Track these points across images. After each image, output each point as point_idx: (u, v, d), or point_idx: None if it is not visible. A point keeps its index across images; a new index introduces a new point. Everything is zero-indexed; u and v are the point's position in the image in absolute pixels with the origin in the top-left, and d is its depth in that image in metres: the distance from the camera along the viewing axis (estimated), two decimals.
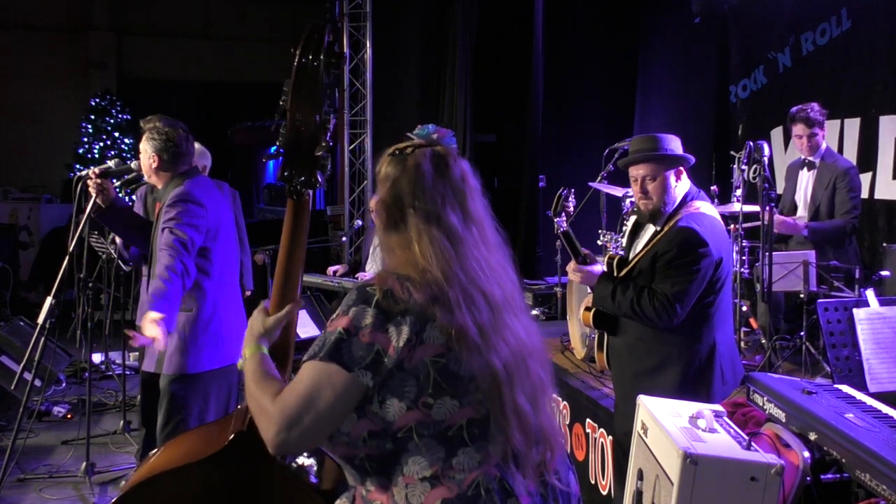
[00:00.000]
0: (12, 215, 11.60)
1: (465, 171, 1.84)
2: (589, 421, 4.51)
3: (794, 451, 2.48)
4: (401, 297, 1.65)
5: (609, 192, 5.92)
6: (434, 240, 1.72)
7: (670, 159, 3.26)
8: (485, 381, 1.68)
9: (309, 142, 1.87)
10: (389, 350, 1.63)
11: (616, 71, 9.12)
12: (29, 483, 4.75)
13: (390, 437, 1.66)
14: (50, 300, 3.93)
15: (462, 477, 1.66)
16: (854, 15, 6.06)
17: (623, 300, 3.19)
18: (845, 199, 5.00)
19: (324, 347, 1.65)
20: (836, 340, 3.36)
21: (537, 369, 1.80)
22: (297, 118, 1.86)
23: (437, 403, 1.66)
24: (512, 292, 1.81)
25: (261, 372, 1.78)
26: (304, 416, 1.62)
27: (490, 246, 1.81)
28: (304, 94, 1.86)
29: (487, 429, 1.69)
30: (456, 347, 1.66)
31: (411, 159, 1.79)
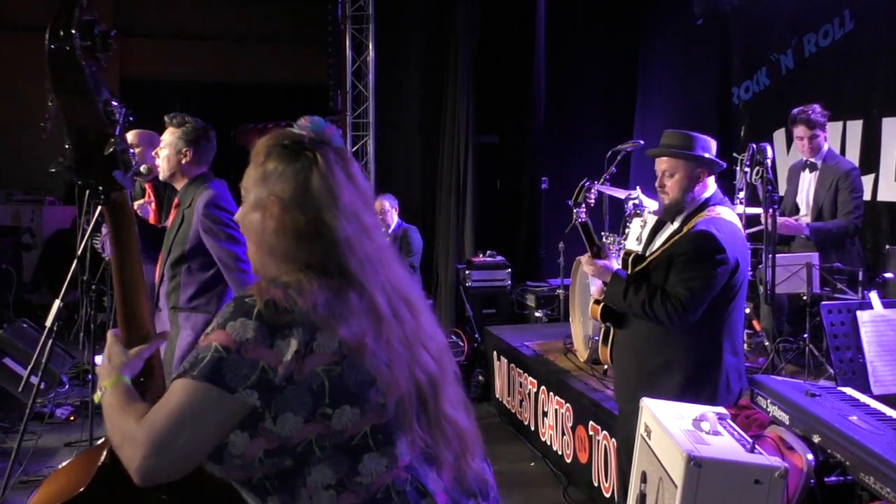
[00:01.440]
0: (15, 217, 11.61)
1: (363, 174, 1.73)
2: (592, 423, 4.51)
3: (797, 453, 2.48)
4: (285, 307, 1.50)
5: (612, 194, 5.92)
6: (362, 246, 1.60)
7: (693, 159, 3.25)
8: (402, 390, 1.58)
9: (94, 140, 1.64)
10: (277, 367, 1.47)
11: (617, 72, 9.12)
12: (32, 485, 4.74)
13: (288, 454, 1.52)
14: (58, 303, 3.93)
15: (369, 481, 1.55)
16: (857, 16, 6.06)
17: (635, 300, 3.18)
18: (847, 200, 4.99)
19: (197, 365, 1.47)
20: (840, 343, 3.36)
21: (452, 367, 1.72)
22: (70, 115, 1.62)
23: (335, 413, 1.52)
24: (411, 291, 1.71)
25: (124, 399, 1.61)
26: (177, 439, 1.45)
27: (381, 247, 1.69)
28: (66, 86, 1.59)
29: (392, 433, 1.58)
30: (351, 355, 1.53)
31: (319, 157, 1.63)
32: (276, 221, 1.61)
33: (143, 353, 1.75)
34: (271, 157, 1.65)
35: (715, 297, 3.16)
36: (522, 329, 6.99)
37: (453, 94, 9.05)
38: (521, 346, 5.97)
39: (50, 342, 3.94)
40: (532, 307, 7.74)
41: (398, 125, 9.45)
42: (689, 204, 3.27)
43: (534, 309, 7.68)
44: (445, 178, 9.06)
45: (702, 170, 3.25)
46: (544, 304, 7.61)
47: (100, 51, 1.62)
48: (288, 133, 1.68)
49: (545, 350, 5.81)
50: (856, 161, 5.76)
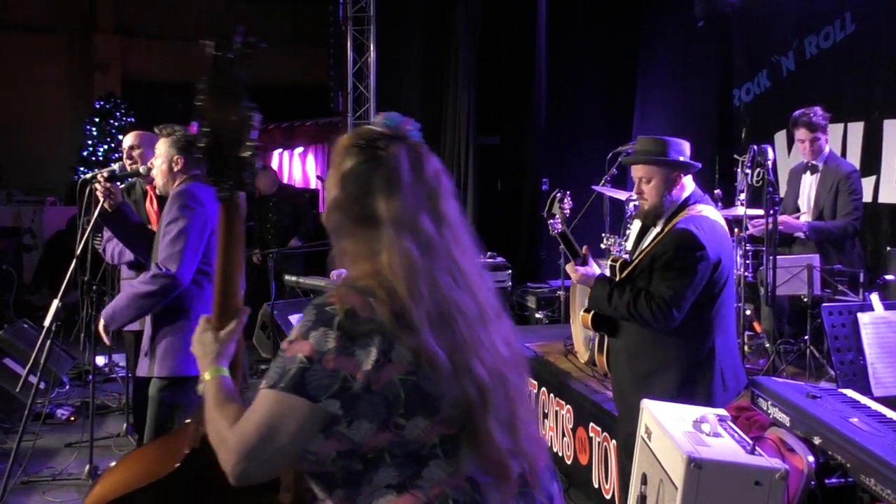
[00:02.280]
0: (16, 218, 11.61)
1: (438, 169, 1.69)
2: (592, 425, 4.51)
3: (798, 455, 2.48)
4: (364, 317, 1.52)
5: (612, 195, 5.92)
6: (404, 251, 1.57)
7: (668, 164, 3.26)
8: (458, 404, 1.58)
9: (231, 142, 1.73)
10: (357, 376, 1.51)
11: (618, 73, 9.13)
12: (32, 486, 4.75)
13: (359, 458, 1.57)
14: (56, 303, 3.94)
15: (430, 486, 1.57)
16: (858, 19, 6.06)
17: (619, 303, 3.19)
18: (847, 202, 5.00)
19: (284, 377, 1.52)
20: (841, 344, 3.35)
21: (517, 381, 1.69)
22: (216, 118, 1.73)
23: (409, 424, 1.55)
24: (488, 299, 1.68)
25: (221, 397, 1.67)
26: (265, 448, 1.52)
27: (464, 250, 1.67)
28: (220, 91, 1.72)
29: (460, 444, 1.60)
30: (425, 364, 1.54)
31: (387, 155, 1.62)
32: (351, 221, 1.63)
33: (232, 334, 1.80)
34: (347, 156, 1.66)
35: (701, 295, 3.16)
36: (523, 330, 6.98)
37: (454, 95, 9.06)
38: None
39: (49, 342, 3.93)
40: (532, 308, 7.73)
41: None
42: (668, 206, 3.28)
43: (534, 310, 7.67)
44: None
45: (677, 173, 3.26)
46: (545, 306, 7.61)
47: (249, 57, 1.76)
48: (364, 131, 1.69)
49: (546, 351, 5.81)
50: (857, 163, 5.76)
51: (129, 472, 1.89)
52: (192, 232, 3.51)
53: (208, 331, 1.81)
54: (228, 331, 1.80)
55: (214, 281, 1.84)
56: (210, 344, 1.79)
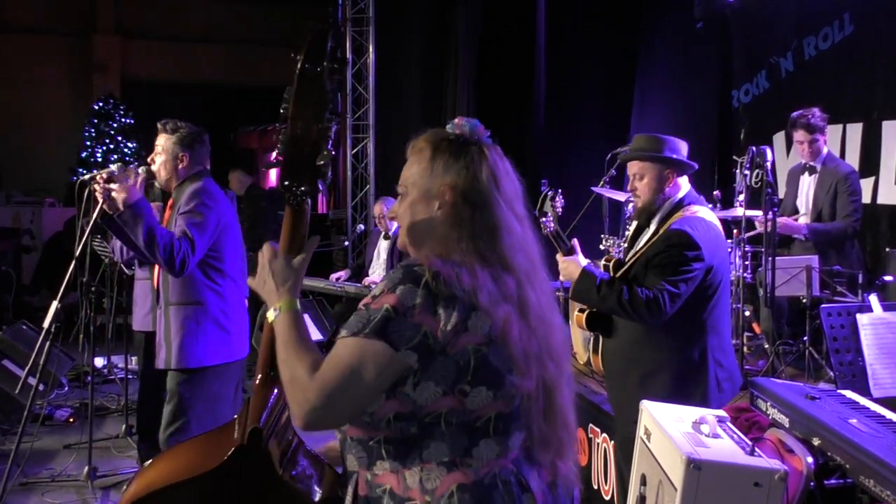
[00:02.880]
0: (15, 219, 11.60)
1: (512, 170, 1.84)
2: (591, 426, 4.51)
3: (797, 456, 2.47)
4: (450, 281, 1.60)
5: (611, 196, 5.92)
6: (516, 235, 1.71)
7: (661, 161, 3.25)
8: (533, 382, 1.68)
9: (310, 150, 1.81)
10: (437, 333, 1.58)
11: (618, 74, 9.13)
12: (31, 487, 4.75)
13: (416, 422, 1.62)
14: (56, 304, 3.93)
15: (478, 465, 1.64)
16: (857, 19, 6.07)
17: (609, 293, 3.14)
18: (846, 203, 5.00)
19: (369, 324, 1.58)
20: (840, 346, 3.35)
21: (570, 368, 1.81)
22: (298, 126, 1.81)
23: (472, 392, 1.62)
24: (547, 290, 1.80)
25: (296, 335, 1.69)
26: (345, 394, 1.57)
27: (533, 243, 1.80)
28: (305, 101, 1.80)
29: (511, 424, 1.68)
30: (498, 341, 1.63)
31: (486, 151, 1.76)
32: (447, 209, 1.72)
33: (305, 262, 1.82)
34: (439, 151, 1.76)
35: (694, 297, 3.14)
36: None
37: (453, 96, 9.07)
38: None
39: (48, 344, 3.93)
40: None
41: (398, 127, 9.46)
42: (662, 205, 3.28)
43: None
44: None
45: (670, 171, 3.25)
46: None
47: (337, 74, 1.83)
48: (446, 132, 1.79)
49: None
50: (856, 164, 5.77)
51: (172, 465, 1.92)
52: (208, 228, 3.62)
53: (281, 257, 1.80)
54: (302, 257, 1.82)
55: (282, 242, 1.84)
56: (283, 270, 1.78)
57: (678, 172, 3.28)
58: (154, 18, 15.99)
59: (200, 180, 3.78)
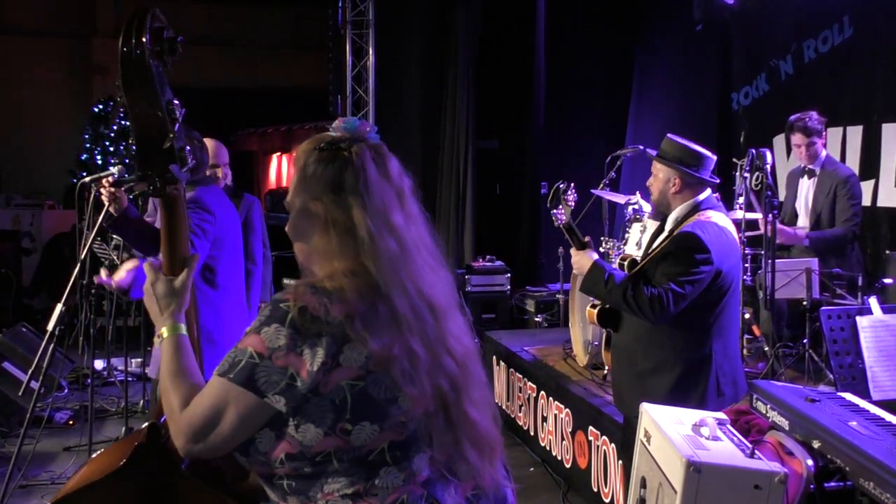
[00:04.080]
0: (15, 221, 11.60)
1: (400, 168, 1.73)
2: (591, 429, 4.51)
3: (797, 459, 2.47)
4: (317, 315, 1.54)
5: (611, 199, 5.92)
6: (385, 247, 1.61)
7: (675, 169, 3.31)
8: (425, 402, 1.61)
9: (156, 135, 1.75)
10: (303, 373, 1.53)
11: (618, 76, 9.14)
12: (31, 490, 4.74)
13: (308, 461, 1.58)
14: (60, 307, 3.93)
15: (385, 495, 1.59)
16: (856, 22, 6.07)
17: (616, 288, 3.20)
18: (846, 207, 5.00)
19: (234, 368, 1.56)
20: (840, 348, 3.36)
21: (478, 371, 1.74)
22: (136, 112, 1.75)
23: (355, 429, 1.57)
24: (449, 294, 1.73)
25: (177, 364, 1.69)
26: (209, 433, 1.58)
27: (427, 244, 1.72)
28: (135, 85, 1.73)
29: (410, 449, 1.62)
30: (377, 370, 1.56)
31: (354, 156, 1.66)
32: (318, 222, 1.66)
33: (187, 282, 1.79)
34: (310, 161, 1.69)
35: (702, 299, 3.17)
36: (522, 334, 6.98)
37: (453, 99, 9.07)
38: (520, 351, 5.97)
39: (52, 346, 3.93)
40: (532, 312, 7.74)
41: (398, 130, 9.46)
42: (673, 204, 3.34)
43: (533, 314, 7.68)
44: (445, 183, 9.07)
45: (677, 177, 3.31)
46: (544, 309, 7.61)
47: (167, 54, 1.76)
48: (324, 136, 1.72)
49: (545, 355, 5.81)
50: (856, 167, 5.77)
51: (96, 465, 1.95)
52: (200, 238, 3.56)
53: (161, 279, 1.77)
54: (183, 278, 1.78)
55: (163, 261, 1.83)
56: (165, 295, 1.76)
57: (686, 182, 3.32)
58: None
59: (195, 189, 3.68)
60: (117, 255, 6.38)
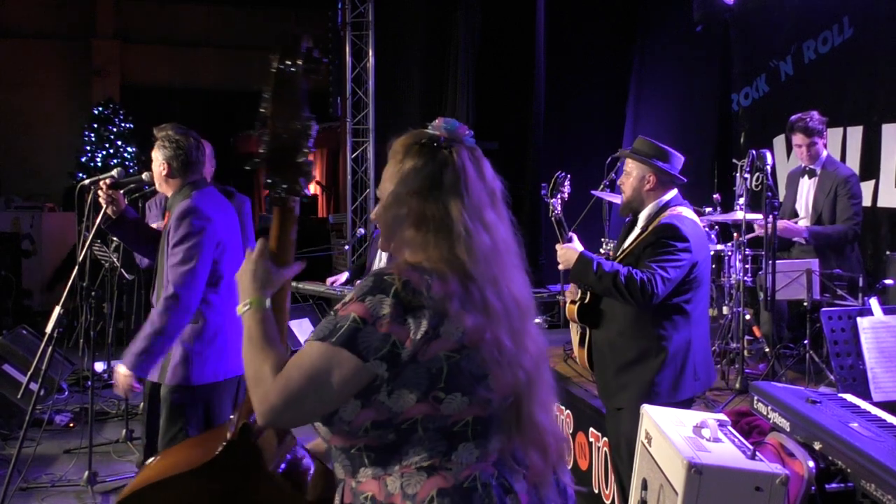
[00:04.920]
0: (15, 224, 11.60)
1: (493, 171, 1.81)
2: (592, 430, 4.50)
3: (798, 460, 2.47)
4: (420, 290, 1.61)
5: (611, 200, 5.92)
6: (481, 241, 1.68)
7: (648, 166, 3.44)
8: (505, 391, 1.67)
9: (290, 149, 1.84)
10: (406, 343, 1.59)
11: (617, 77, 9.14)
12: (31, 492, 4.74)
13: (393, 428, 1.63)
14: (58, 309, 3.93)
15: (459, 469, 1.64)
16: (856, 23, 6.07)
17: (605, 274, 3.27)
18: (847, 207, 4.99)
19: (335, 332, 1.60)
20: (840, 349, 3.35)
21: (549, 376, 1.80)
22: (277, 125, 1.84)
23: (447, 398, 1.62)
24: (530, 294, 1.80)
25: (263, 333, 1.73)
26: (307, 397, 1.60)
27: (511, 245, 1.78)
28: (283, 100, 1.83)
29: (490, 427, 1.68)
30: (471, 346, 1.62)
31: (454, 154, 1.73)
32: (413, 215, 1.71)
33: (290, 275, 1.87)
34: (409, 155, 1.74)
35: (681, 288, 3.29)
36: None
37: (453, 100, 9.07)
38: None
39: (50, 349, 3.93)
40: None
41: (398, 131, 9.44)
42: (645, 201, 3.47)
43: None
44: None
45: (651, 175, 3.44)
46: (544, 311, 7.61)
47: (313, 73, 1.86)
48: (424, 133, 1.78)
49: None
50: (856, 167, 5.76)
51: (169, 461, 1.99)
52: (201, 251, 3.49)
53: (268, 259, 1.84)
54: (284, 273, 1.85)
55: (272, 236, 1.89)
56: (265, 272, 1.83)
57: (660, 179, 3.45)
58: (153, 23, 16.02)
59: (192, 194, 3.61)
60: (117, 258, 6.38)
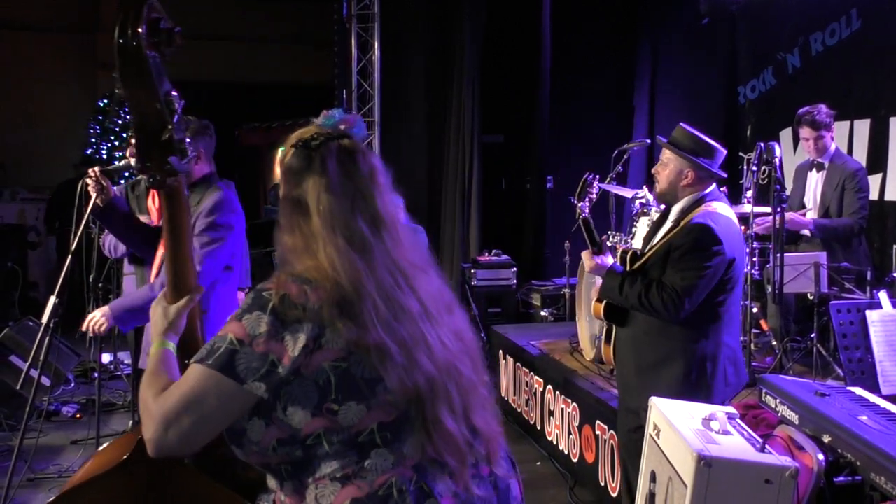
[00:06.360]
0: (20, 216, 11.62)
1: (374, 168, 1.70)
2: (598, 423, 4.50)
3: (807, 453, 2.47)
4: (298, 302, 1.55)
5: (618, 193, 5.91)
6: (341, 251, 1.60)
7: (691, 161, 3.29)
8: (406, 395, 1.60)
9: (154, 127, 1.75)
10: (284, 359, 1.54)
11: (623, 70, 9.12)
12: (39, 483, 4.76)
13: (299, 445, 1.58)
14: (53, 299, 3.92)
15: (374, 477, 1.58)
16: (864, 15, 6.05)
17: (631, 292, 3.21)
18: (854, 200, 4.98)
19: (212, 354, 1.56)
20: (849, 342, 3.35)
21: (468, 373, 1.71)
22: (133, 104, 1.76)
23: (342, 409, 1.56)
24: (432, 295, 1.70)
25: (156, 368, 1.70)
26: (183, 419, 1.55)
27: (403, 248, 1.69)
28: (132, 77, 1.73)
29: (400, 431, 1.61)
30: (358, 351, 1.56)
31: (317, 155, 1.66)
32: (287, 221, 1.67)
33: (181, 310, 1.83)
34: (288, 157, 1.70)
35: (714, 290, 3.18)
36: (528, 328, 6.98)
37: (458, 94, 9.05)
38: (526, 345, 5.96)
39: (48, 339, 3.92)
40: (538, 306, 7.73)
41: (403, 124, 9.45)
42: (681, 196, 3.33)
43: (539, 308, 7.67)
44: (451, 178, 9.06)
45: (690, 170, 3.30)
46: (550, 304, 7.61)
47: (164, 45, 1.74)
48: (305, 131, 1.72)
49: (551, 349, 5.80)
50: (863, 160, 5.74)
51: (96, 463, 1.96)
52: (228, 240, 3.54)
53: (160, 305, 1.84)
54: (178, 306, 1.83)
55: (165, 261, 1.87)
56: (159, 317, 1.82)
57: (698, 175, 3.31)
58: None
59: (220, 187, 3.63)
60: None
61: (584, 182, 3.62)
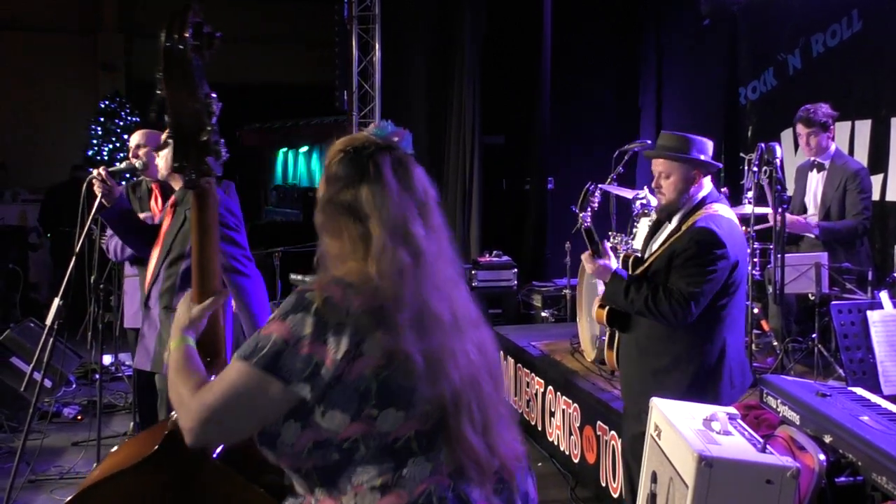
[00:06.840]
0: (21, 217, 11.62)
1: (424, 180, 1.74)
2: (600, 423, 4.50)
3: (809, 453, 2.47)
4: (341, 306, 1.57)
5: (619, 193, 5.91)
6: (398, 258, 1.62)
7: (688, 162, 3.27)
8: (433, 403, 1.62)
9: (193, 128, 1.81)
10: (327, 362, 1.55)
11: (624, 70, 9.12)
12: (40, 485, 4.76)
13: (335, 448, 1.60)
14: (57, 301, 3.93)
15: (413, 486, 1.60)
16: (865, 16, 6.05)
17: (637, 297, 3.19)
18: (856, 201, 4.98)
19: (257, 353, 1.57)
20: (850, 343, 3.35)
21: (489, 388, 1.72)
22: (174, 105, 1.82)
23: (381, 415, 1.58)
24: (464, 308, 1.73)
25: (184, 363, 1.74)
26: (225, 417, 1.59)
27: (447, 260, 1.72)
28: (175, 79, 1.80)
29: (436, 440, 1.63)
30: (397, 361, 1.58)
31: (372, 164, 1.67)
32: (331, 226, 1.69)
33: (205, 310, 1.88)
34: (334, 163, 1.71)
35: (717, 294, 3.17)
36: (529, 329, 6.98)
37: (459, 94, 9.05)
38: (527, 346, 5.96)
39: (51, 340, 3.93)
40: (538, 307, 7.73)
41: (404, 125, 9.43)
42: (685, 203, 3.30)
43: (540, 309, 7.67)
44: (451, 178, 9.06)
45: (697, 171, 3.29)
46: (551, 304, 7.60)
47: (205, 48, 1.82)
48: (355, 138, 1.74)
49: (552, 350, 5.80)
50: (864, 161, 5.74)
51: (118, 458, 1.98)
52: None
53: (183, 303, 1.90)
54: (201, 307, 1.88)
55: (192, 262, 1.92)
56: (181, 316, 1.87)
57: (704, 173, 3.31)
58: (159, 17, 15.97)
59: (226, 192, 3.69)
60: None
61: (585, 192, 3.60)
